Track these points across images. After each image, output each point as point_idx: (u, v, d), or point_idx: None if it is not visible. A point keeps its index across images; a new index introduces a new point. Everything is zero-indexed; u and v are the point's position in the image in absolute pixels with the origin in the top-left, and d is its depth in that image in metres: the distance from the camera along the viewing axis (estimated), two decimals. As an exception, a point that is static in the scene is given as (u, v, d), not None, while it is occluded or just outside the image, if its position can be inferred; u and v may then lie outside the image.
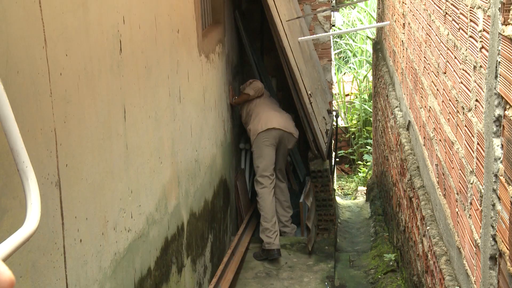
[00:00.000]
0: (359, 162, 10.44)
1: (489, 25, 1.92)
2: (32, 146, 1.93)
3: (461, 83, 2.42)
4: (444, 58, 2.84)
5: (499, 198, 1.79)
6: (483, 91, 2.01)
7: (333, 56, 8.39)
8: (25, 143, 1.39)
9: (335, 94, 11.46)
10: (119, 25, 2.72)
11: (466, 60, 2.32)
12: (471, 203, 2.24)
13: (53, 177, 2.08)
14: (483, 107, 2.01)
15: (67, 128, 2.19)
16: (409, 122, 4.34)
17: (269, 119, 5.48)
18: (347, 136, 10.97)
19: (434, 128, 3.17)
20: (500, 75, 1.76)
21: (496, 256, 1.86)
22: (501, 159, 1.76)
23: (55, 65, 2.09)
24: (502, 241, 1.74)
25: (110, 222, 2.61)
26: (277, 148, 5.53)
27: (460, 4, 2.43)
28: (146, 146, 3.12)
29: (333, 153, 7.10)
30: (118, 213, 2.71)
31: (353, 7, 14.11)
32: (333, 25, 7.67)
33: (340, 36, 14.11)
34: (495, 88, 1.83)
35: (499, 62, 1.77)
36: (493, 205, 1.85)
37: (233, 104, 5.69)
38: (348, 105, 11.68)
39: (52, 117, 2.08)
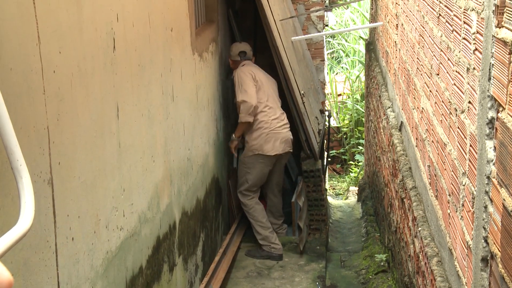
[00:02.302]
0: (351, 162, 10.46)
1: (482, 27, 1.93)
2: (24, 143, 1.92)
3: (454, 84, 2.43)
4: (437, 60, 2.85)
5: (491, 200, 1.79)
6: (476, 93, 2.02)
7: (325, 56, 8.41)
8: (18, 140, 1.38)
9: (328, 94, 11.49)
10: (112, 23, 2.72)
11: (460, 62, 2.33)
12: (463, 205, 2.25)
13: (45, 175, 2.07)
14: (476, 109, 2.02)
15: (60, 125, 2.19)
16: (402, 123, 4.35)
17: (272, 142, 5.26)
18: (339, 136, 10.99)
19: (427, 129, 3.18)
20: (493, 77, 1.77)
21: (488, 258, 1.87)
22: (493, 161, 1.77)
23: (49, 63, 2.09)
24: (494, 243, 1.75)
25: (102, 221, 2.61)
26: (274, 166, 5.47)
27: (453, 6, 2.44)
28: (139, 144, 3.11)
29: (325, 153, 7.11)
30: (110, 211, 2.70)
31: (346, 7, 14.14)
32: (326, 25, 7.69)
33: (333, 36, 14.13)
34: (488, 90, 1.83)
35: (493, 64, 1.78)
36: (485, 207, 1.86)
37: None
38: (340, 105, 11.70)
39: (45, 115, 2.08)
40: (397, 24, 4.69)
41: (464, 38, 2.25)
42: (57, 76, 2.16)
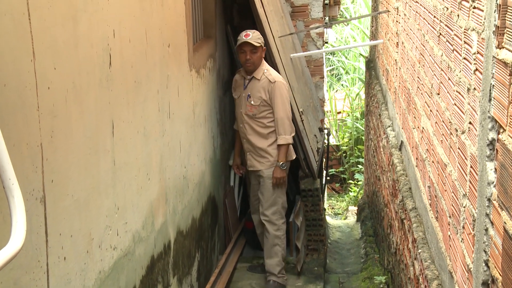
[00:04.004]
0: (350, 181, 10.47)
1: (483, 48, 1.94)
2: (17, 161, 1.92)
3: (455, 104, 2.45)
4: (438, 79, 2.87)
5: (492, 223, 1.80)
6: (477, 114, 2.03)
7: (325, 73, 8.44)
8: (11, 157, 1.39)
9: (327, 111, 11.53)
10: (109, 39, 2.73)
11: (460, 82, 2.34)
12: (463, 227, 2.25)
13: (38, 193, 2.07)
14: (476, 130, 2.03)
15: (54, 143, 2.19)
16: (402, 142, 4.36)
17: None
18: (338, 154, 11.01)
19: (427, 149, 3.19)
20: (494, 98, 1.78)
21: (489, 282, 1.87)
22: (494, 184, 1.78)
23: (43, 79, 2.09)
24: (495, 267, 1.75)
25: (96, 240, 2.60)
26: None
27: (454, 25, 2.46)
28: (134, 162, 3.12)
29: (324, 172, 7.11)
30: (103, 230, 2.69)
31: (346, 24, 14.22)
32: (326, 42, 7.73)
33: (332, 53, 14.19)
34: (488, 111, 1.85)
35: (493, 85, 1.79)
36: (486, 229, 1.86)
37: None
38: (339, 123, 11.73)
39: (39, 132, 2.08)
40: (397, 42, 4.72)
41: (464, 58, 2.27)
42: (52, 93, 2.17)
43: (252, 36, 4.87)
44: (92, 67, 2.54)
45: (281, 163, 4.89)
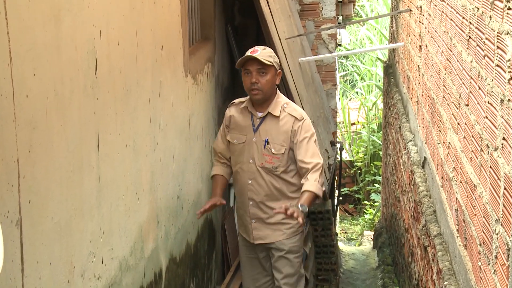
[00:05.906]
0: (366, 202, 10.45)
1: (519, 54, 1.95)
2: (-9, 178, 1.92)
3: (486, 117, 2.45)
4: (467, 88, 2.87)
5: (529, 253, 1.79)
6: (512, 129, 2.03)
7: (338, 80, 8.46)
8: (-15, 177, 1.39)
9: (340, 123, 11.54)
10: (95, 41, 2.75)
11: (492, 92, 2.35)
12: (496, 257, 2.24)
13: (13, 215, 2.07)
14: (511, 147, 2.03)
15: (32, 158, 2.19)
16: (425, 159, 4.37)
17: None
18: (352, 171, 11.00)
19: (454, 167, 3.19)
20: (531, 111, 1.79)
21: (525, 320, 1.86)
22: (532, 208, 1.78)
23: (21, 86, 2.10)
24: (533, 303, 1.75)
25: (78, 268, 2.60)
26: None
27: (486, 28, 2.47)
28: (121, 179, 3.12)
29: (336, 192, 7.12)
30: (87, 257, 2.69)
31: (362, 24, 14.27)
32: (339, 45, 7.75)
33: (346, 57, 14.23)
34: (525, 126, 1.85)
35: (531, 96, 1.79)
36: (523, 260, 1.86)
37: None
38: (354, 136, 11.74)
39: (15, 145, 2.08)
40: (420, 46, 4.74)
41: (497, 65, 2.27)
42: (30, 101, 2.17)
43: (261, 52, 3.96)
44: (76, 73, 2.55)
45: (305, 206, 3.82)
